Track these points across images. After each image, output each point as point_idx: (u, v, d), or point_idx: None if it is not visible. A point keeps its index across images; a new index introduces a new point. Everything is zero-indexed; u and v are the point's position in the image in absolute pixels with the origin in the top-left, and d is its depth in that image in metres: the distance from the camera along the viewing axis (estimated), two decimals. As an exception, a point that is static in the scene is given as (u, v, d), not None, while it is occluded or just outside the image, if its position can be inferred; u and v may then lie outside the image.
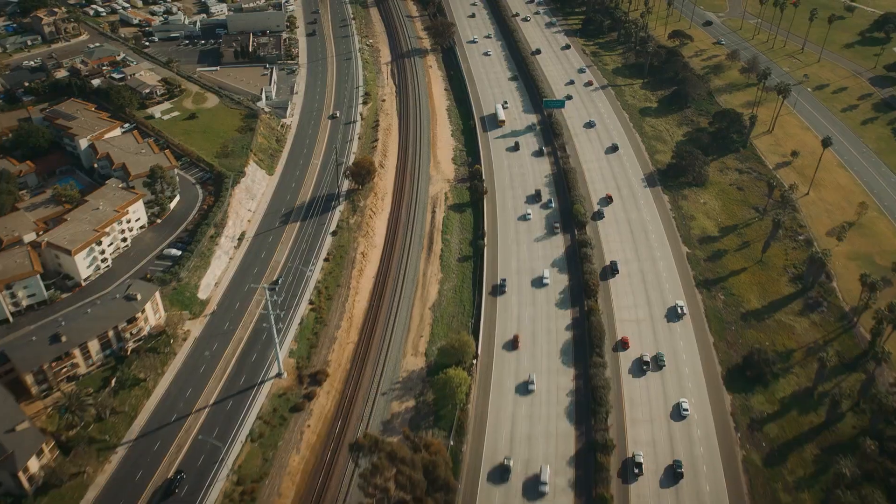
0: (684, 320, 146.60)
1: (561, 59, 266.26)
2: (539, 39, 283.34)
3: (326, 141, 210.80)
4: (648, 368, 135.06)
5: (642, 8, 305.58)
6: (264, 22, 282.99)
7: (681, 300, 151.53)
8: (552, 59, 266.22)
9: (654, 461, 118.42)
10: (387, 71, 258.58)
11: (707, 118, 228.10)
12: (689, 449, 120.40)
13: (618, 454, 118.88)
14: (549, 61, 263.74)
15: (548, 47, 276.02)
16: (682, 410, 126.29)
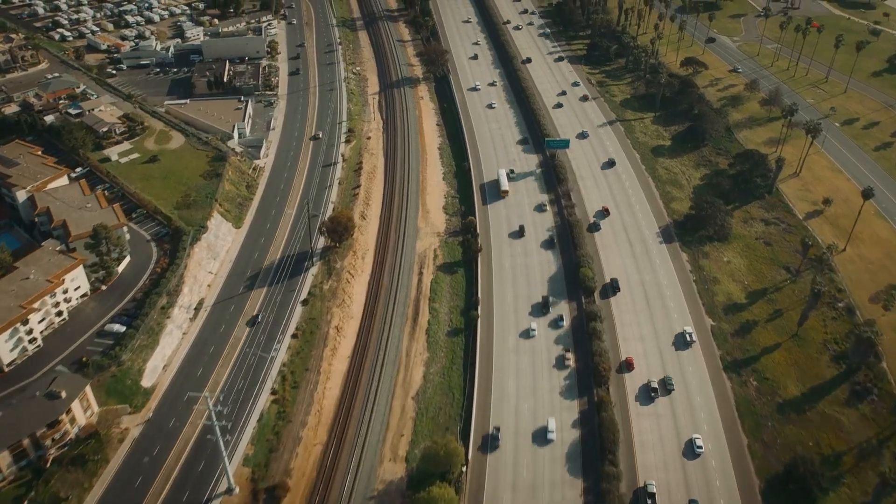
0: (711, 419, 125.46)
1: (562, 85, 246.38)
2: (542, 71, 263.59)
3: (303, 187, 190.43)
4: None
5: (651, 32, 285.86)
6: (242, 48, 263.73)
7: (706, 391, 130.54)
8: (554, 86, 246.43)
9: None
10: (374, 103, 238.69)
11: (726, 158, 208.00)
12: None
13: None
14: (551, 88, 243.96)
15: (548, 73, 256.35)
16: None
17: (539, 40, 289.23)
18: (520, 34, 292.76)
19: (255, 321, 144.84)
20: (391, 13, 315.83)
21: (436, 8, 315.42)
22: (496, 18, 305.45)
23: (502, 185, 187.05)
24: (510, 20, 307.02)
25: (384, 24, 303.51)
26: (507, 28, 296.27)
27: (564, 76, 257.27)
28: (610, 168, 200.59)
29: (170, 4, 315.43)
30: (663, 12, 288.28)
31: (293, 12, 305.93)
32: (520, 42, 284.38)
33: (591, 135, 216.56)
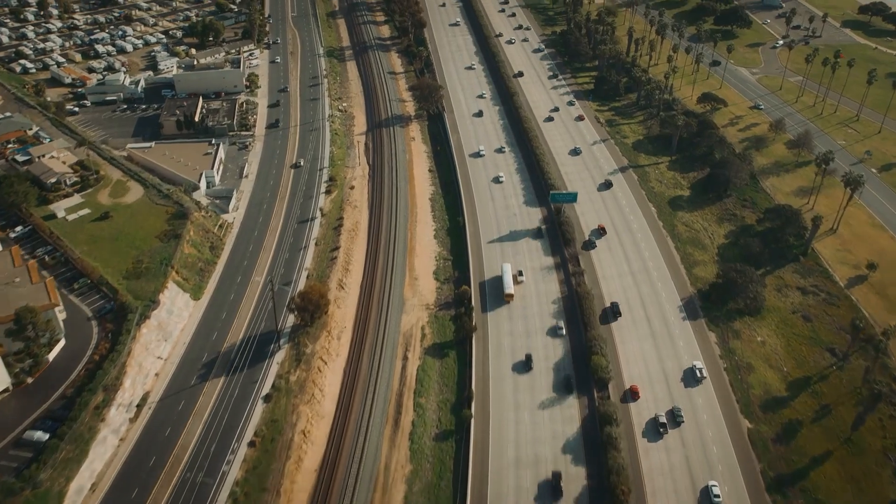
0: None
1: (572, 133, 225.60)
2: (543, 100, 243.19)
3: (274, 248, 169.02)
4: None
5: (664, 63, 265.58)
6: (219, 82, 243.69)
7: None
8: (561, 130, 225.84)
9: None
10: (360, 145, 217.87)
11: (753, 211, 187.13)
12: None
13: None
14: (558, 134, 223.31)
15: (554, 111, 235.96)
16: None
17: (542, 72, 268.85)
18: (522, 65, 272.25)
19: (207, 425, 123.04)
20: (383, 41, 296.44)
21: (430, 37, 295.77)
22: (492, 39, 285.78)
23: (506, 286, 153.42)
24: (511, 38, 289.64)
25: (375, 53, 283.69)
26: (508, 60, 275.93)
27: (571, 116, 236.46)
28: (622, 221, 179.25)
29: (145, 32, 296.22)
30: (677, 43, 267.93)
31: (277, 42, 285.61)
32: (522, 77, 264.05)
33: (599, 184, 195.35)
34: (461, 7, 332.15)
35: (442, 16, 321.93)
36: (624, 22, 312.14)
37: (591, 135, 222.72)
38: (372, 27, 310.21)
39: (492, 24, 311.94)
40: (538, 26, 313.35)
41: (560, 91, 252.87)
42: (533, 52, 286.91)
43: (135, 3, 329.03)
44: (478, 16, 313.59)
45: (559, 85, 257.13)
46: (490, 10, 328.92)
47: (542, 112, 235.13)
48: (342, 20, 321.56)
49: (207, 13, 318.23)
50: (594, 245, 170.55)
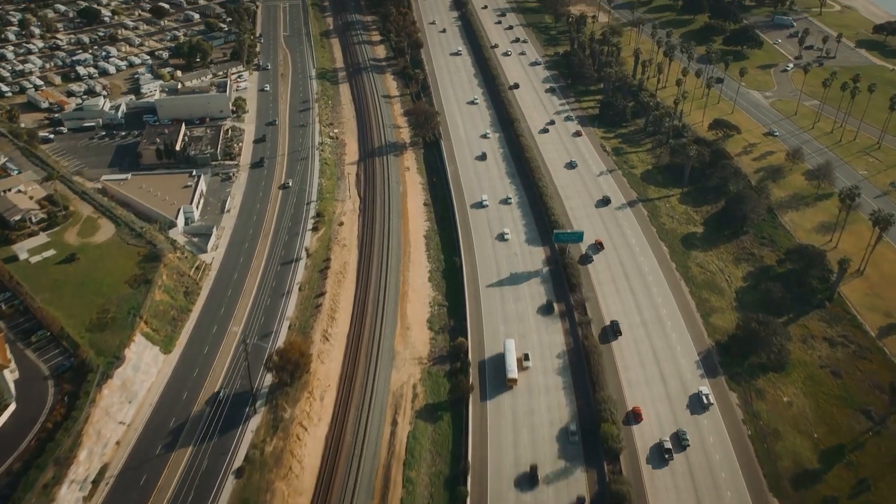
0: None
1: (580, 170, 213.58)
2: (550, 136, 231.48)
3: (255, 294, 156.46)
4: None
5: (673, 87, 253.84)
6: (203, 107, 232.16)
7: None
8: (566, 161, 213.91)
9: None
10: (351, 176, 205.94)
11: (772, 250, 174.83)
12: None
13: None
14: (559, 158, 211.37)
15: (555, 138, 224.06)
16: None
17: (544, 94, 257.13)
18: (522, 88, 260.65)
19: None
20: (378, 62, 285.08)
21: (428, 58, 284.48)
22: (491, 60, 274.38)
23: (509, 370, 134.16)
24: (508, 50, 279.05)
25: (369, 75, 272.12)
26: (507, 78, 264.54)
27: (576, 143, 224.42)
28: (632, 263, 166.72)
29: (130, 53, 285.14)
30: (686, 66, 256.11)
31: (268, 68, 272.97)
32: (522, 99, 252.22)
33: (608, 221, 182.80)
34: (459, 26, 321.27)
35: (441, 39, 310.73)
36: (629, 42, 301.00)
37: (596, 164, 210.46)
38: (367, 47, 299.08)
39: (491, 43, 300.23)
40: (540, 46, 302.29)
41: (564, 116, 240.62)
42: (530, 65, 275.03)
43: (121, 22, 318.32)
44: (476, 35, 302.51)
45: (562, 110, 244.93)
46: (489, 26, 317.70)
47: (545, 141, 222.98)
48: (336, 39, 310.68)
49: (196, 32, 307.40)
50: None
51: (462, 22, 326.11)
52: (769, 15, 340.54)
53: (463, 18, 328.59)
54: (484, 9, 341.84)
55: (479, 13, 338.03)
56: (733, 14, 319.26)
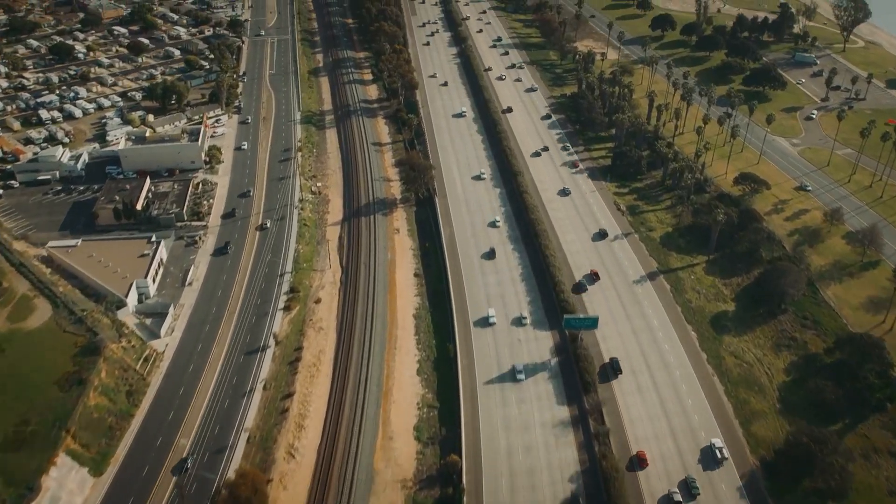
0: None
1: (588, 225, 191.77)
2: (552, 178, 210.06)
3: (212, 392, 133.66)
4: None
5: (690, 131, 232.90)
6: (173, 158, 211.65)
7: None
8: (577, 224, 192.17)
9: None
10: (333, 240, 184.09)
11: (817, 333, 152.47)
12: None
13: None
14: (570, 225, 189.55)
15: (568, 202, 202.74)
16: None
17: (549, 136, 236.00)
18: (528, 135, 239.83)
19: None
20: (369, 104, 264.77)
21: (423, 99, 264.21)
22: (494, 106, 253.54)
23: None
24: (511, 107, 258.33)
25: (359, 119, 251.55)
26: (511, 130, 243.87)
27: (586, 200, 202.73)
28: (655, 353, 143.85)
29: (101, 94, 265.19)
30: (706, 111, 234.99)
31: (248, 121, 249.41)
32: (523, 141, 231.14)
33: (626, 299, 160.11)
34: (458, 64, 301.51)
35: (438, 79, 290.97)
36: (641, 81, 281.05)
37: (610, 226, 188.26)
38: (358, 87, 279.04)
39: (494, 88, 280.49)
40: (545, 87, 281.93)
41: (572, 167, 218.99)
42: (541, 118, 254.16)
43: (96, 59, 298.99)
44: (477, 76, 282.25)
45: (570, 161, 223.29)
46: (491, 63, 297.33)
47: (552, 196, 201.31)
48: (325, 78, 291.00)
49: (175, 71, 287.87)
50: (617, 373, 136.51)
51: (461, 59, 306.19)
52: (790, 52, 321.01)
53: (462, 56, 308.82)
54: (492, 48, 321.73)
55: (479, 48, 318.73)
56: (752, 51, 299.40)
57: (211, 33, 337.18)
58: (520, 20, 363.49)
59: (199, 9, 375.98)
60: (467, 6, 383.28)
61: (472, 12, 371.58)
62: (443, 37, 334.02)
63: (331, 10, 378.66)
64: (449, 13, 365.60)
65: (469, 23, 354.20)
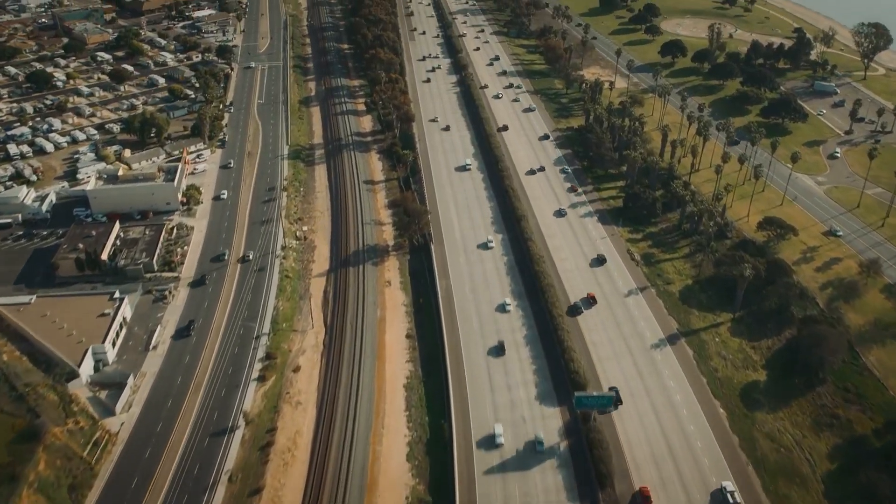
0: None
1: (605, 292, 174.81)
2: (564, 236, 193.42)
3: (169, 484, 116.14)
4: None
5: (706, 168, 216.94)
6: (146, 199, 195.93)
7: None
8: (587, 277, 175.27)
9: None
10: (318, 295, 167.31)
11: (862, 409, 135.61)
12: None
13: None
14: (582, 281, 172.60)
15: (570, 237, 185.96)
16: None
17: (555, 178, 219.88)
18: (531, 174, 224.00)
19: None
20: (362, 137, 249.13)
21: (420, 133, 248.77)
22: (494, 137, 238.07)
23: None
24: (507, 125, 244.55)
25: (351, 154, 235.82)
26: (514, 165, 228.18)
27: (595, 247, 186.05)
28: (679, 437, 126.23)
29: (77, 126, 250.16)
30: (724, 147, 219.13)
31: (230, 166, 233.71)
32: (530, 186, 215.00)
33: (644, 369, 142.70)
34: (458, 93, 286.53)
35: (435, 109, 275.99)
36: (652, 112, 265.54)
37: (623, 278, 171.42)
38: (351, 118, 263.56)
39: (494, 114, 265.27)
40: (549, 117, 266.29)
41: (581, 211, 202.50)
42: (539, 139, 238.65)
43: (75, 87, 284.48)
44: (478, 105, 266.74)
45: (579, 202, 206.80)
46: (493, 101, 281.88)
47: (564, 255, 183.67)
48: (317, 108, 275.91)
49: (158, 100, 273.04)
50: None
51: (461, 88, 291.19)
52: (808, 80, 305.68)
53: (462, 84, 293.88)
54: (500, 73, 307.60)
55: (480, 74, 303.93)
56: (769, 80, 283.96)
57: (199, 59, 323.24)
58: (523, 46, 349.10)
59: (189, 34, 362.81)
60: (465, 28, 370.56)
61: (473, 35, 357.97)
62: (443, 66, 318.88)
63: (326, 34, 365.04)
64: (448, 38, 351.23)
65: (467, 41, 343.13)
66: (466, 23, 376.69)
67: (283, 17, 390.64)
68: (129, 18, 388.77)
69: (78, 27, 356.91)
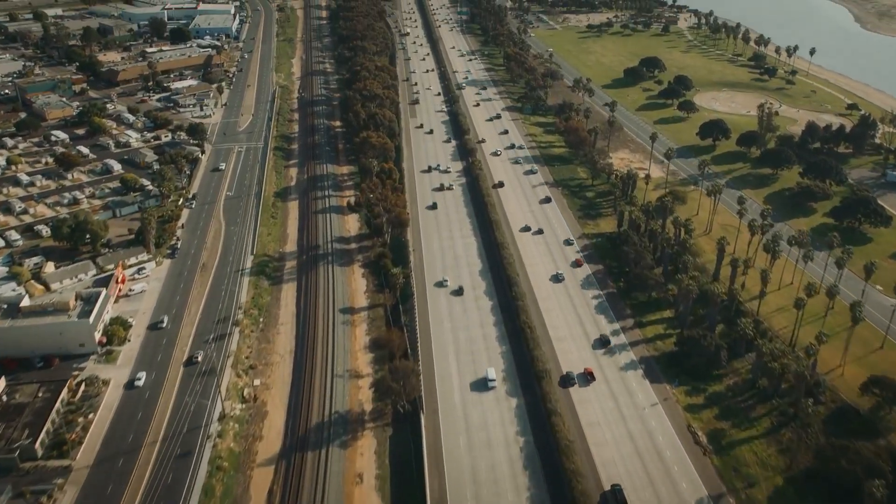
0: None
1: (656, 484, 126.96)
2: (604, 411, 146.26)
3: None
4: None
5: (775, 292, 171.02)
6: (52, 339, 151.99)
7: None
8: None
9: None
10: (259, 498, 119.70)
11: None
12: None
13: None
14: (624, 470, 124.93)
15: (609, 401, 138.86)
16: None
17: (585, 308, 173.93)
18: (554, 305, 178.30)
19: None
20: (345, 244, 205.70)
21: (416, 237, 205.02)
22: (507, 249, 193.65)
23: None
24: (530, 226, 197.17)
25: (329, 269, 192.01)
26: (527, 275, 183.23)
27: (642, 418, 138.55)
28: None
29: (3, 226, 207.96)
30: (816, 285, 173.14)
31: (191, 243, 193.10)
32: (551, 316, 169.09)
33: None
34: (463, 185, 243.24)
35: (438, 204, 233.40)
36: (697, 210, 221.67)
37: (685, 472, 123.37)
38: (334, 218, 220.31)
39: (507, 214, 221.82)
40: (573, 217, 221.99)
41: (621, 360, 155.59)
42: (563, 243, 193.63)
43: (15, 175, 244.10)
44: (486, 203, 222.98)
45: (618, 345, 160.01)
46: (510, 206, 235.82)
47: (601, 437, 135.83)
48: (295, 203, 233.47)
49: (109, 192, 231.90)
50: None
51: (468, 178, 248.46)
52: (876, 168, 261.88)
53: (468, 174, 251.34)
54: (514, 162, 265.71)
55: (492, 163, 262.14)
56: (837, 171, 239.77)
57: (169, 138, 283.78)
58: (539, 124, 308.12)
59: (166, 106, 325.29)
60: (473, 100, 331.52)
61: (484, 115, 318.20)
62: (447, 150, 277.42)
63: (317, 108, 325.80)
64: (455, 115, 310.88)
65: (475, 117, 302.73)
66: (478, 101, 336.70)
67: (273, 87, 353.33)
68: (103, 89, 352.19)
69: (40, 100, 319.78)
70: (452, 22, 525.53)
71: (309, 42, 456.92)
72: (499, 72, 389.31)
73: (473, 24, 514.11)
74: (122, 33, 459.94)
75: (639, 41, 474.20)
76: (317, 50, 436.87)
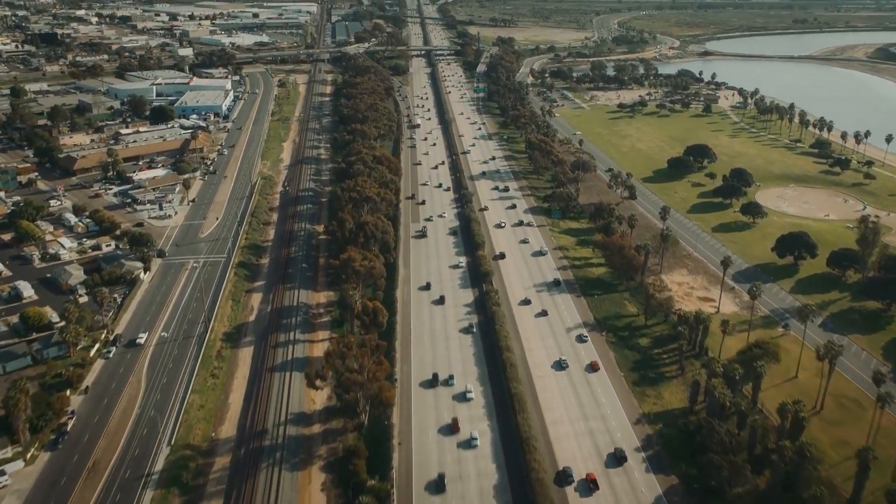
0: None
1: None
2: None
3: None
4: None
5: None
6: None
7: None
8: None
9: None
10: None
11: None
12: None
13: None
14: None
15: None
16: None
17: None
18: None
19: None
20: (305, 428, 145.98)
21: (404, 412, 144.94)
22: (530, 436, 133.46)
23: None
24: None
25: (275, 475, 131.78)
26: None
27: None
28: None
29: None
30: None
31: (89, 422, 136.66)
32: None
33: None
34: (472, 339, 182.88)
35: (432, 351, 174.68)
36: (795, 372, 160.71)
37: None
38: (296, 379, 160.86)
39: (527, 351, 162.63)
40: (625, 383, 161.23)
41: None
42: (613, 451, 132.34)
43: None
44: (504, 363, 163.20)
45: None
46: (524, 325, 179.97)
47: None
48: (248, 351, 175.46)
49: (6, 332, 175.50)
50: None
51: (481, 316, 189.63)
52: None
53: (479, 304, 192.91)
54: (539, 288, 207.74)
55: (511, 286, 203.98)
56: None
57: (112, 248, 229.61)
58: (570, 231, 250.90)
59: (123, 202, 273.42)
60: (487, 211, 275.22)
61: (499, 214, 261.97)
62: (454, 280, 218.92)
63: (300, 208, 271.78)
64: (466, 221, 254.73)
65: (489, 221, 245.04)
66: (493, 201, 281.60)
67: (254, 180, 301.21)
68: (57, 179, 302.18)
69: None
70: (468, 100, 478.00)
71: (306, 122, 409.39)
72: (520, 160, 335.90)
73: (491, 101, 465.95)
74: (101, 111, 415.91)
75: (678, 123, 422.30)
76: (313, 132, 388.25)
